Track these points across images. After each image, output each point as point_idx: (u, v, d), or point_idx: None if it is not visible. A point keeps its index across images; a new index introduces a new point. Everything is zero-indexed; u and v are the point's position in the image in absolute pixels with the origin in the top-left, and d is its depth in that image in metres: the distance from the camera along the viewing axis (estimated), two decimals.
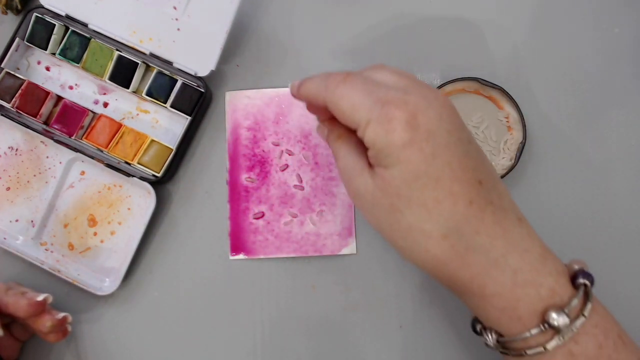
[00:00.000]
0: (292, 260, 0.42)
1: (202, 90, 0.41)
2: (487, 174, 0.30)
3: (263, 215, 0.42)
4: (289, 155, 0.43)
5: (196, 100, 0.41)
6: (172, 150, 0.41)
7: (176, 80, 0.42)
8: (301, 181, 0.43)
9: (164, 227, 0.43)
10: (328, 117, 0.34)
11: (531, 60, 0.44)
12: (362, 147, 0.31)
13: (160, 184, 0.42)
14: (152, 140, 0.41)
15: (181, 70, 0.41)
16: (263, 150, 0.43)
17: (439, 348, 0.42)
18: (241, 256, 0.42)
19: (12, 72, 0.41)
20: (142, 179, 0.41)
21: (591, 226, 0.42)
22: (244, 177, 0.43)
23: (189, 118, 0.41)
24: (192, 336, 0.42)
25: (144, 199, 0.42)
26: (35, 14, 0.41)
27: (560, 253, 0.44)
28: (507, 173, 0.41)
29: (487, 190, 0.29)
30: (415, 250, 0.30)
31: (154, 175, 0.41)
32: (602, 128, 0.43)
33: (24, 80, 0.41)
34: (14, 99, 0.41)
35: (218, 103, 0.43)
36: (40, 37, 0.42)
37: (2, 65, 0.41)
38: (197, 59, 0.41)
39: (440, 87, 0.42)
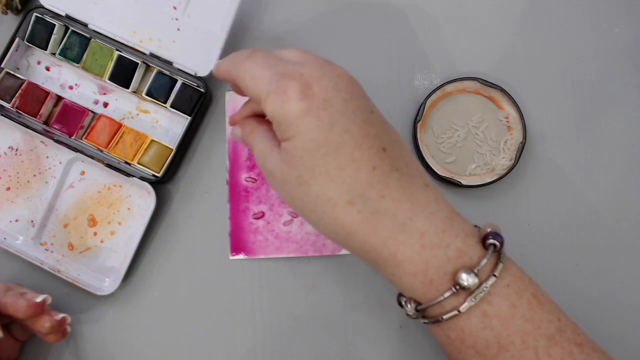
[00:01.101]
0: (292, 260, 0.42)
1: (202, 90, 0.41)
2: (391, 142, 0.30)
3: (263, 215, 0.42)
4: None
5: (196, 100, 0.41)
6: (172, 150, 0.41)
7: (176, 80, 0.42)
8: None
9: (164, 227, 0.43)
10: (247, 115, 0.35)
11: (531, 60, 0.44)
12: (272, 130, 0.31)
13: (160, 184, 0.42)
14: (152, 140, 0.41)
15: (181, 70, 0.41)
16: None
17: (439, 348, 0.42)
18: (241, 256, 0.42)
19: (12, 72, 0.41)
20: (142, 179, 0.41)
21: (591, 226, 0.42)
22: (244, 177, 0.43)
23: (189, 118, 0.41)
24: (192, 336, 0.42)
25: (144, 199, 0.42)
26: (35, 14, 0.41)
27: (560, 252, 0.44)
28: (507, 173, 0.41)
29: (392, 157, 0.29)
30: (325, 220, 0.30)
31: (154, 175, 0.41)
32: (602, 128, 0.43)
33: (24, 80, 0.41)
34: (14, 99, 0.41)
35: (218, 103, 0.43)
36: (40, 37, 0.42)
37: (2, 65, 0.41)
38: (197, 59, 0.41)
39: (440, 87, 0.42)
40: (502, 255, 0.30)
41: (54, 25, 0.41)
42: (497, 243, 0.29)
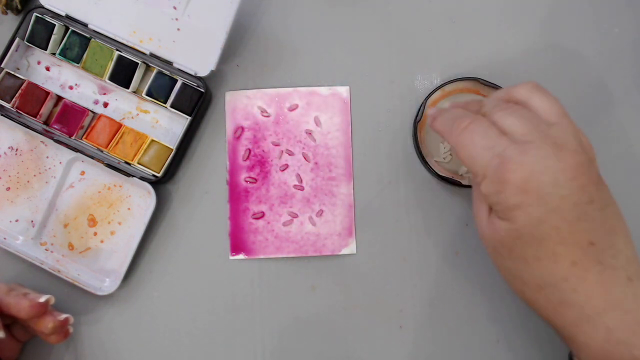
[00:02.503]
0: (292, 260, 0.42)
1: (202, 90, 0.41)
2: (604, 233, 0.29)
3: (263, 215, 0.42)
4: (289, 155, 0.43)
5: (196, 100, 0.41)
6: (172, 150, 0.41)
7: (176, 80, 0.42)
8: (301, 181, 0.43)
9: (164, 227, 0.43)
10: None
11: (531, 60, 0.44)
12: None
13: (160, 184, 0.42)
14: (152, 140, 0.41)
15: (181, 70, 0.41)
16: (263, 150, 0.43)
17: (439, 348, 0.42)
18: (241, 256, 0.42)
19: (12, 72, 0.41)
20: (142, 179, 0.41)
21: None
22: (244, 177, 0.43)
23: (189, 118, 0.41)
24: (192, 336, 0.42)
25: (144, 199, 0.42)
26: (35, 14, 0.41)
27: None
28: None
29: (598, 251, 0.29)
30: (514, 288, 0.32)
31: (154, 175, 0.41)
32: (602, 128, 0.43)
33: (24, 80, 0.41)
34: (14, 99, 0.41)
35: (218, 103, 0.43)
36: (40, 37, 0.42)
37: (2, 65, 0.41)
38: (197, 59, 0.41)
39: (440, 87, 0.42)
40: None
41: (54, 25, 0.41)
42: None
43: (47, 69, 0.43)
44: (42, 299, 0.37)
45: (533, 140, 0.29)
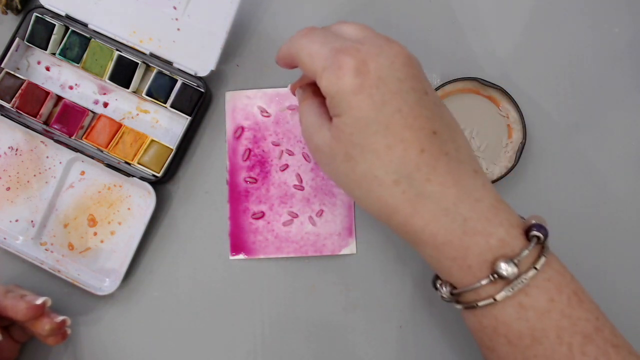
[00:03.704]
0: (292, 260, 0.42)
1: (202, 90, 0.41)
2: (444, 125, 0.30)
3: (263, 215, 0.42)
4: (289, 155, 0.43)
5: (196, 100, 0.41)
6: (172, 150, 0.41)
7: (176, 80, 0.42)
8: (301, 181, 0.43)
9: (164, 227, 0.43)
10: (306, 82, 0.35)
11: (531, 60, 0.44)
12: (325, 105, 0.32)
13: (160, 184, 0.42)
14: (152, 140, 0.41)
15: (181, 70, 0.41)
16: (263, 150, 0.43)
17: (438, 348, 0.42)
18: (241, 256, 0.42)
19: (12, 72, 0.41)
20: (142, 179, 0.41)
21: (591, 226, 0.42)
22: (244, 177, 0.43)
23: (189, 118, 0.41)
24: (192, 336, 0.42)
25: (144, 199, 0.42)
26: (35, 14, 0.41)
27: (559, 252, 0.44)
28: (507, 173, 0.41)
29: (442, 141, 0.29)
30: (369, 198, 0.30)
31: (154, 175, 0.41)
32: (602, 128, 0.43)
33: (24, 80, 0.41)
34: (14, 99, 0.41)
35: (218, 103, 0.43)
36: (40, 37, 0.42)
37: (2, 65, 0.41)
38: (197, 59, 0.41)
39: (440, 87, 0.42)
40: (545, 248, 0.30)
41: (54, 25, 0.41)
42: (540, 235, 0.29)
43: (47, 69, 0.43)
44: (39, 301, 0.37)
45: (366, 35, 0.31)
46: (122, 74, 0.42)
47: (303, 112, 0.33)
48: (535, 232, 0.29)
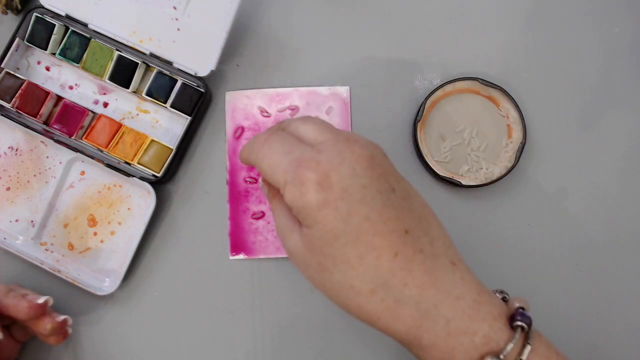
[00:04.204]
0: None
1: (202, 90, 0.41)
2: (415, 219, 0.29)
3: (263, 215, 0.42)
4: None
5: (196, 100, 0.41)
6: (172, 150, 0.41)
7: (176, 80, 0.42)
8: None
9: (164, 227, 0.43)
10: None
11: (531, 60, 0.44)
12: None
13: (160, 184, 0.42)
14: (152, 140, 0.41)
15: (181, 70, 0.41)
16: None
17: None
18: (241, 256, 0.42)
19: (12, 72, 0.41)
20: (142, 179, 0.41)
21: (591, 226, 0.42)
22: (244, 177, 0.43)
23: (189, 118, 0.41)
24: (192, 336, 0.42)
25: (144, 199, 0.42)
26: (35, 14, 0.41)
27: (560, 252, 0.44)
28: (507, 173, 0.41)
29: (415, 238, 0.29)
30: (349, 306, 0.30)
31: (154, 175, 0.41)
32: (602, 128, 0.43)
33: (24, 80, 0.41)
34: (14, 99, 0.41)
35: (218, 103, 0.43)
36: (40, 37, 0.42)
37: (2, 65, 0.41)
38: (197, 59, 0.41)
39: (440, 87, 0.42)
40: (529, 335, 0.29)
41: (54, 25, 0.41)
42: (524, 325, 0.29)
43: (47, 69, 0.43)
44: (41, 300, 0.37)
45: (327, 140, 0.29)
46: (122, 74, 0.42)
47: (274, 212, 0.32)
48: (519, 322, 0.29)
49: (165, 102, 0.42)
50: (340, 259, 0.29)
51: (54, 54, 0.42)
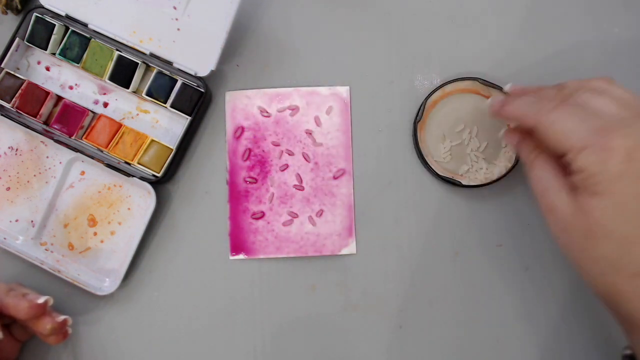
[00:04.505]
0: (292, 260, 0.42)
1: (202, 90, 0.41)
2: None
3: (263, 215, 0.42)
4: (289, 155, 0.43)
5: (196, 100, 0.41)
6: (172, 150, 0.41)
7: (176, 80, 0.41)
8: (301, 181, 0.43)
9: (164, 227, 0.43)
10: (521, 133, 0.34)
11: (531, 60, 0.44)
12: (560, 165, 0.31)
13: (160, 184, 0.42)
14: (152, 140, 0.41)
15: (181, 70, 0.41)
16: (263, 150, 0.43)
17: (438, 348, 0.42)
18: (241, 256, 0.42)
19: (12, 72, 0.41)
20: (142, 179, 0.41)
21: None
22: (244, 177, 0.43)
23: (189, 118, 0.41)
24: (192, 336, 0.42)
25: (144, 199, 0.42)
26: (35, 14, 0.41)
27: (560, 253, 0.44)
28: (507, 173, 0.41)
29: None
30: (601, 280, 0.30)
31: (154, 175, 0.41)
32: None
33: (24, 80, 0.41)
34: (14, 99, 0.41)
35: (218, 103, 0.43)
36: (40, 37, 0.42)
37: (2, 65, 0.41)
38: (197, 59, 0.41)
39: (440, 87, 0.42)
40: None
41: (54, 25, 0.41)
42: None
43: (47, 69, 0.43)
44: (41, 300, 0.37)
45: (630, 115, 0.29)
46: (122, 74, 0.42)
47: (535, 172, 0.33)
48: None
49: (165, 102, 0.42)
50: (617, 234, 0.28)
51: (54, 54, 0.42)
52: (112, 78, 0.42)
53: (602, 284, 0.30)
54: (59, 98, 0.42)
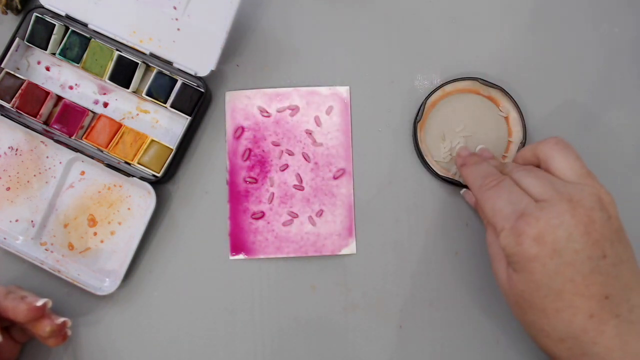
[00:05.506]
0: (292, 260, 0.42)
1: (202, 90, 0.41)
2: (619, 287, 0.31)
3: (263, 215, 0.42)
4: (289, 155, 0.43)
5: (196, 100, 0.41)
6: (172, 150, 0.41)
7: (176, 80, 0.42)
8: (301, 181, 0.43)
9: (164, 227, 0.43)
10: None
11: (531, 60, 0.44)
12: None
13: (160, 184, 0.42)
14: (152, 140, 0.41)
15: (181, 70, 0.41)
16: (263, 150, 0.43)
17: (438, 348, 0.42)
18: (241, 256, 0.42)
19: (12, 72, 0.41)
20: (142, 179, 0.41)
21: None
22: (244, 177, 0.43)
23: (189, 118, 0.41)
24: (192, 336, 0.42)
25: (144, 199, 0.42)
26: (35, 14, 0.41)
27: None
28: None
29: (614, 304, 0.30)
30: (536, 341, 0.33)
31: (154, 175, 0.41)
32: (602, 128, 0.43)
33: (24, 80, 0.41)
34: (14, 99, 0.41)
35: (218, 103, 0.43)
36: (40, 37, 0.42)
37: (2, 65, 0.41)
38: (197, 59, 0.41)
39: (440, 87, 0.42)
40: None
41: (54, 25, 0.41)
42: None
43: (47, 69, 0.43)
44: (40, 303, 0.37)
45: (550, 198, 0.31)
46: (122, 74, 0.42)
47: (488, 237, 0.35)
48: None
49: (165, 102, 0.42)
50: (538, 306, 0.31)
51: (54, 54, 0.42)
52: (112, 78, 0.42)
53: (540, 346, 0.33)
54: (59, 98, 0.42)
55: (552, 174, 0.33)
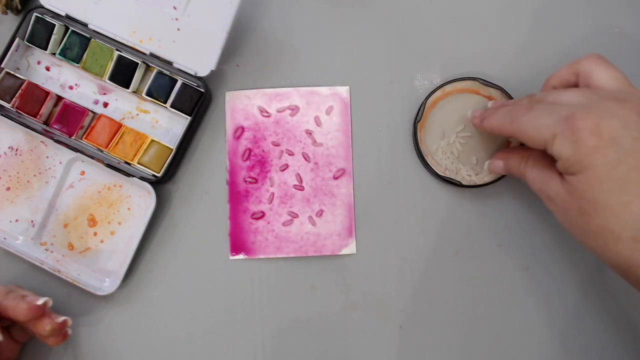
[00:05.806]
0: (292, 260, 0.42)
1: (202, 90, 0.41)
2: None
3: (263, 215, 0.42)
4: (289, 155, 0.43)
5: (196, 100, 0.41)
6: (172, 150, 0.41)
7: (176, 80, 0.42)
8: (301, 181, 0.43)
9: (164, 227, 0.43)
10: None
11: (531, 60, 0.44)
12: (548, 160, 0.33)
13: (160, 184, 0.42)
14: (152, 140, 0.41)
15: (181, 70, 0.41)
16: (263, 150, 0.43)
17: (438, 348, 0.42)
18: (241, 256, 0.42)
19: (12, 72, 0.41)
20: (142, 179, 0.41)
21: None
22: (244, 177, 0.43)
23: (189, 118, 0.41)
24: (192, 336, 0.42)
25: (144, 199, 0.42)
26: (35, 14, 0.41)
27: (561, 252, 0.44)
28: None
29: None
30: (606, 251, 0.31)
31: (154, 175, 0.41)
32: None
33: (24, 80, 0.41)
34: (14, 99, 0.41)
35: (218, 103, 0.43)
36: (40, 37, 0.42)
37: (2, 65, 0.41)
38: (197, 59, 0.41)
39: (440, 87, 0.42)
40: None
41: (54, 25, 0.41)
42: None
43: (47, 69, 0.43)
44: (40, 302, 0.37)
45: (594, 100, 0.31)
46: (122, 74, 0.42)
47: (529, 168, 0.35)
48: None
49: (165, 102, 0.42)
50: (603, 204, 0.30)
51: (54, 54, 0.42)
52: (112, 78, 0.42)
53: (610, 256, 0.31)
54: (59, 98, 0.42)
55: (593, 88, 0.32)
